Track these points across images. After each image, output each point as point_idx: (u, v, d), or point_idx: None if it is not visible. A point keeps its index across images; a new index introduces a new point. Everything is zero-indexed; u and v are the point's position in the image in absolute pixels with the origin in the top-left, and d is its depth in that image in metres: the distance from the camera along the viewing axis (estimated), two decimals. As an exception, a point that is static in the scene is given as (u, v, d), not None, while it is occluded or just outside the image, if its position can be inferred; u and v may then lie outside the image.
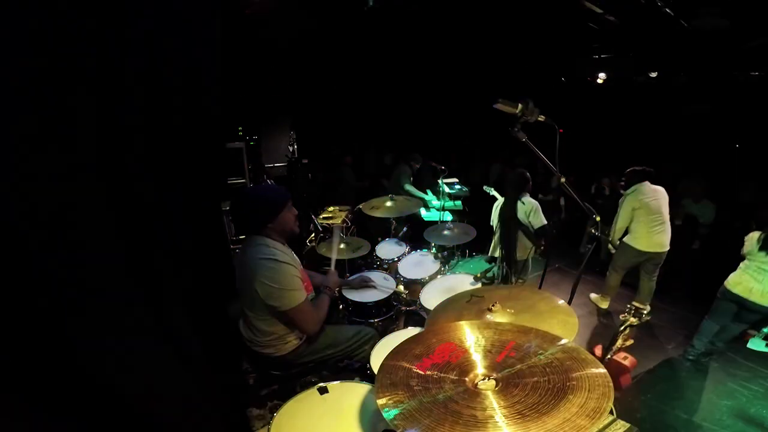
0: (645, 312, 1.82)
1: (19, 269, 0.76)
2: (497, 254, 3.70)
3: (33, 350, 0.82)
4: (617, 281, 4.12)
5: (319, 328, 2.00)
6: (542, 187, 6.21)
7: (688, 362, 3.38)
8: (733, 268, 3.11)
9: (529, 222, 3.46)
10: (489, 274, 2.37)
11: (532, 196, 3.59)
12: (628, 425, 1.39)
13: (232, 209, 1.94)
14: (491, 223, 3.84)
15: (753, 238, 2.97)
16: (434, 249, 3.29)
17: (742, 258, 3.05)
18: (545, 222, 3.44)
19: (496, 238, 3.73)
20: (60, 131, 0.77)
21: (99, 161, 0.85)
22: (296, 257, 2.07)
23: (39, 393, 0.84)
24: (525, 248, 3.56)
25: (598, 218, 1.77)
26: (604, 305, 4.24)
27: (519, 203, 3.45)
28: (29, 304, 0.79)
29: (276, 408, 1.53)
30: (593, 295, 4.36)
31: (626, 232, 3.88)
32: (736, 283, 3.00)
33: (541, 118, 1.65)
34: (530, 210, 3.45)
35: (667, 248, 3.74)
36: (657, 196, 3.67)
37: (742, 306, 2.98)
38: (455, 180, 6.10)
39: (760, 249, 2.88)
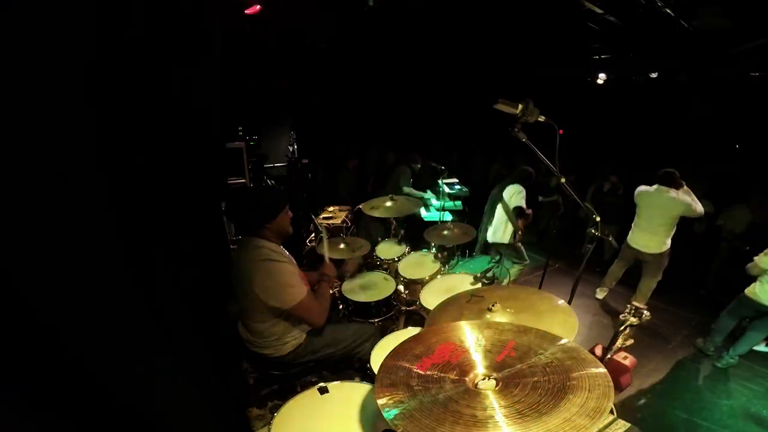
0: (645, 312, 1.82)
1: (15, 269, 0.76)
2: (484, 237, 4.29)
3: (27, 351, 0.81)
4: (617, 270, 4.31)
5: (325, 319, 2.03)
6: (541, 186, 6.18)
7: (707, 357, 3.49)
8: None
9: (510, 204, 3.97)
10: (489, 274, 2.37)
11: (532, 197, 3.97)
12: (628, 425, 1.39)
13: (230, 209, 1.94)
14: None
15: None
16: (434, 249, 3.29)
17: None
18: (521, 205, 3.89)
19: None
20: (58, 128, 0.77)
21: (99, 160, 0.85)
22: (292, 257, 2.07)
23: (34, 393, 0.84)
24: (506, 230, 4.06)
25: (597, 218, 1.77)
26: (600, 296, 4.48)
27: (509, 187, 3.99)
28: (25, 304, 0.78)
29: (276, 408, 1.53)
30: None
31: None
32: None
33: (541, 118, 1.66)
34: (514, 192, 3.95)
35: (651, 251, 3.81)
36: (652, 199, 3.73)
37: None
38: (455, 180, 6.09)
39: None
